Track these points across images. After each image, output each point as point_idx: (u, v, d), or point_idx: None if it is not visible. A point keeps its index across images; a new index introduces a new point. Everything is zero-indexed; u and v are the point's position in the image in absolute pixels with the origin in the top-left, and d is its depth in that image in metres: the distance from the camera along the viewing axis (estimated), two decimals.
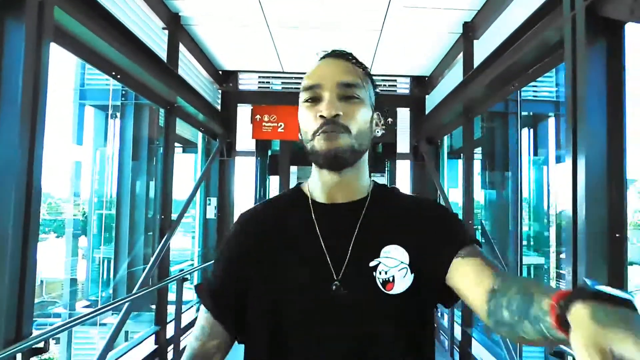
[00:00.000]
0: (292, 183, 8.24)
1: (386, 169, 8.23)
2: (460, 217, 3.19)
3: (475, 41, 4.01)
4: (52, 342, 2.73)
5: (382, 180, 8.08)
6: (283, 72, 5.77)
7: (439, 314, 4.84)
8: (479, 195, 5.86)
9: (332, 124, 0.81)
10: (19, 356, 1.81)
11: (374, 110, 0.90)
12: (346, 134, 0.82)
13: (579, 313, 0.48)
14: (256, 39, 4.63)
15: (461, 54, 4.17)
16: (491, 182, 5.78)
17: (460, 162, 5.00)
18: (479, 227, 5.24)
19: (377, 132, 0.92)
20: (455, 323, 4.14)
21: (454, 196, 5.51)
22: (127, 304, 3.23)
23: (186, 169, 7.14)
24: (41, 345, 1.91)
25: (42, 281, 27.55)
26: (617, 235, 1.91)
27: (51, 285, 27.11)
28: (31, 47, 1.87)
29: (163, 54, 3.96)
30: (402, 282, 0.80)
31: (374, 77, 0.94)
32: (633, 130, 2.00)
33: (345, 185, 0.88)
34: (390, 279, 0.81)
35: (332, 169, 0.85)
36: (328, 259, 0.83)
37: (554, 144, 5.93)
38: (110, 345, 3.11)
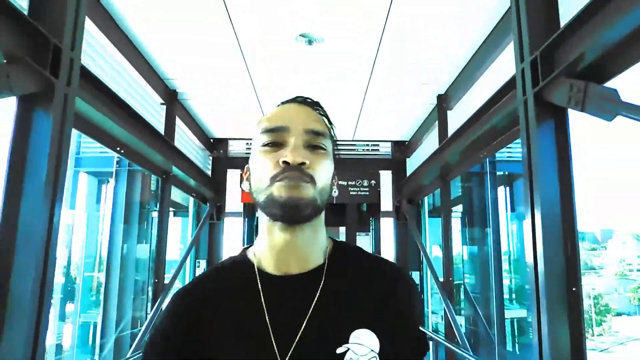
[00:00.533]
0: None
1: (371, 227, 8.46)
2: (441, 272, 3.43)
3: (449, 111, 4.41)
4: None
5: (367, 239, 8.30)
6: None
7: None
8: (462, 250, 6.11)
9: (296, 171, 0.73)
10: None
11: (334, 165, 0.85)
12: (310, 184, 0.74)
13: None
14: (246, 110, 4.99)
15: (436, 123, 4.56)
16: (472, 238, 6.05)
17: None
18: (461, 282, 5.45)
19: (335, 191, 0.84)
20: None
21: (437, 252, 5.75)
22: None
23: (176, 232, 7.27)
24: None
25: None
26: (574, 289, 2.17)
27: None
28: (56, 134, 2.13)
29: (161, 127, 4.27)
30: None
31: (357, 142, 0.99)
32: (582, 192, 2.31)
33: (300, 249, 0.78)
34: None
35: (291, 222, 0.75)
36: (272, 339, 0.72)
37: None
38: None
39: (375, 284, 0.80)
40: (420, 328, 0.84)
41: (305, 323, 0.72)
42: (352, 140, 6.16)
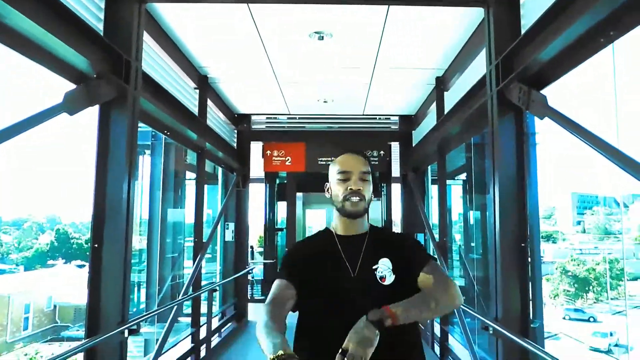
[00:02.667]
0: (299, 207, 9.15)
1: (382, 193, 9.15)
2: (437, 234, 4.14)
3: (445, 92, 4.97)
4: None
5: (378, 204, 9.00)
6: (289, 114, 6.78)
7: None
8: (463, 214, 6.73)
9: (357, 194, 1.46)
10: (126, 333, 2.73)
11: (373, 185, 1.54)
12: (363, 201, 1.47)
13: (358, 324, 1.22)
14: (267, 89, 5.63)
15: (435, 102, 5.14)
16: (471, 203, 6.66)
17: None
18: (459, 244, 6.11)
19: (373, 198, 1.53)
20: (435, 323, 5.02)
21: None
22: (174, 309, 4.13)
23: (206, 198, 8.03)
24: (135, 327, 2.83)
25: (54, 306, 27.73)
26: (522, 244, 2.84)
27: (64, 309, 27.39)
28: (129, 128, 2.84)
29: (195, 109, 4.95)
30: (390, 278, 1.44)
31: (367, 116, 2.06)
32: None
33: (356, 225, 1.53)
34: (384, 275, 1.44)
35: (352, 219, 1.50)
36: (348, 265, 1.47)
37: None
38: (162, 346, 3.95)
39: (393, 241, 1.56)
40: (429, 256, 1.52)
41: (360, 257, 1.47)
42: (363, 115, 6.77)
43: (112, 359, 2.74)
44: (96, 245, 2.75)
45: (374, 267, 1.44)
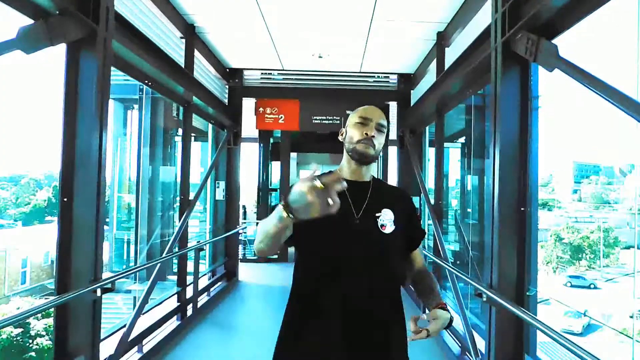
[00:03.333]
0: (293, 167, 8.95)
1: (379, 155, 8.95)
2: (433, 195, 3.97)
3: (446, 48, 4.69)
4: None
5: (374, 165, 8.81)
6: (283, 70, 6.47)
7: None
8: (460, 178, 6.56)
9: (370, 140, 1.48)
10: (98, 292, 2.58)
11: (386, 138, 1.59)
12: (373, 148, 1.49)
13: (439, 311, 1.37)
14: (259, 42, 5.32)
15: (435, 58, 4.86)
16: (469, 167, 6.48)
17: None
18: (456, 207, 5.97)
19: (381, 151, 1.59)
20: None
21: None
22: (157, 267, 3.99)
23: (197, 156, 7.84)
24: (109, 286, 2.68)
25: (52, 261, 28.13)
26: (522, 209, 2.66)
27: None
28: (100, 72, 2.59)
29: (181, 60, 4.67)
30: (390, 227, 1.49)
31: (364, 74, 1.87)
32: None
33: (362, 172, 1.54)
34: (385, 224, 1.49)
35: (361, 163, 1.51)
36: (352, 208, 1.48)
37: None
38: (145, 300, 3.85)
39: (394, 193, 1.60)
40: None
41: (365, 202, 1.50)
42: (360, 72, 6.47)
43: (84, 318, 2.60)
44: (65, 200, 2.56)
45: (376, 215, 1.49)
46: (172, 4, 4.31)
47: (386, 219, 1.49)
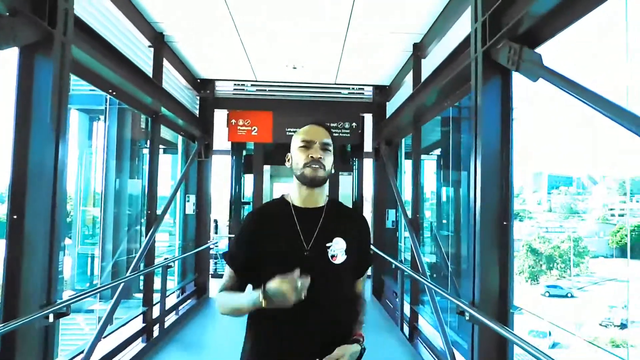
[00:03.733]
0: (266, 180, 8.77)
1: (354, 167, 8.85)
2: (410, 207, 3.84)
3: (423, 60, 4.64)
4: None
5: (349, 178, 8.71)
6: (256, 81, 6.33)
7: (392, 294, 5.52)
8: (436, 190, 6.51)
9: (317, 162, 1.45)
10: (51, 317, 2.35)
11: (334, 156, 1.54)
12: (323, 169, 1.46)
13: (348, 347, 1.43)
14: (231, 51, 5.17)
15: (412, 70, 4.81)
16: (445, 179, 6.44)
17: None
18: (431, 220, 5.90)
19: (332, 169, 1.53)
20: (405, 302, 4.79)
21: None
22: (120, 287, 3.75)
23: (167, 169, 7.59)
24: (64, 310, 2.45)
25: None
26: (505, 223, 2.57)
27: None
28: (57, 79, 2.40)
29: (149, 69, 4.47)
30: (341, 257, 1.47)
31: (339, 85, 1.75)
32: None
33: (314, 197, 1.52)
34: (336, 254, 1.47)
35: (311, 186, 1.49)
36: (302, 239, 1.47)
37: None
38: (107, 322, 3.60)
39: (349, 219, 1.59)
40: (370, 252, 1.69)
41: (316, 232, 1.48)
42: (334, 84, 6.38)
43: (34, 346, 2.36)
44: (15, 217, 2.33)
45: (327, 245, 1.47)
46: (140, 11, 4.13)
47: (337, 249, 1.47)
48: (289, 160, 1.57)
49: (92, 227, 7.11)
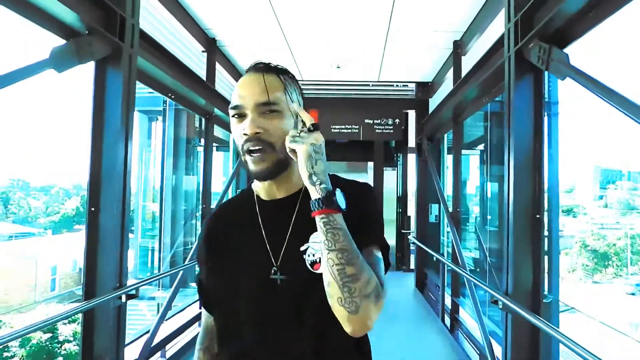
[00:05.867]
0: None
1: (398, 162, 8.96)
2: (450, 203, 4.00)
3: (463, 57, 4.72)
4: None
5: (393, 173, 8.81)
6: (302, 80, 6.58)
7: (435, 287, 5.63)
8: (479, 185, 6.54)
9: (255, 141, 0.92)
10: (123, 297, 2.69)
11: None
12: (268, 152, 0.93)
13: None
14: (279, 54, 5.43)
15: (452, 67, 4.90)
16: (489, 174, 6.45)
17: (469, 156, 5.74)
18: (476, 215, 5.95)
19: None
20: (446, 295, 4.91)
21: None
22: (179, 275, 4.11)
23: (219, 165, 8.00)
24: (133, 292, 2.79)
25: (80, 269, 28.95)
26: (537, 216, 2.67)
27: None
28: (125, 87, 2.72)
29: (203, 72, 4.81)
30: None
31: (382, 83, 1.34)
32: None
33: (280, 184, 1.00)
34: (318, 260, 0.92)
35: (264, 180, 0.98)
36: (268, 248, 0.96)
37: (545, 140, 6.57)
38: (168, 307, 3.96)
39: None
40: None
41: (288, 234, 0.96)
42: (377, 81, 6.53)
43: (109, 323, 2.71)
44: (93, 209, 2.68)
45: (301, 249, 0.94)
46: (195, 19, 4.46)
47: (318, 250, 0.93)
48: None
49: (151, 221, 7.64)
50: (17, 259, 24.50)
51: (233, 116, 0.96)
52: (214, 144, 8.11)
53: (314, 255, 0.93)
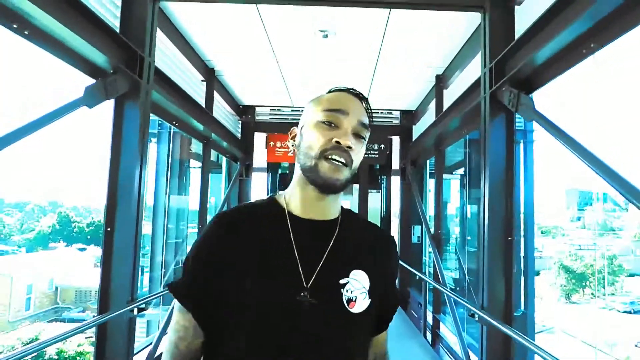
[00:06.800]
0: None
1: (382, 184, 9.32)
2: (432, 225, 4.35)
3: (445, 90, 5.13)
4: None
5: (377, 195, 9.18)
6: (293, 107, 6.94)
7: (417, 305, 5.94)
8: (460, 207, 6.92)
9: (345, 153, 0.90)
10: (135, 310, 2.93)
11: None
12: (348, 167, 0.91)
13: None
14: (271, 82, 5.78)
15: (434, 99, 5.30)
16: (468, 197, 6.85)
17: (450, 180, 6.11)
18: (454, 235, 6.31)
19: (357, 169, 0.98)
20: (428, 312, 5.22)
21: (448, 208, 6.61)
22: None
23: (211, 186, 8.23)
24: (143, 306, 3.03)
25: (56, 288, 28.26)
26: (509, 238, 3.02)
27: (65, 291, 27.92)
28: (142, 119, 3.01)
29: (202, 100, 5.12)
30: (362, 303, 0.92)
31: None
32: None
33: (326, 205, 0.96)
34: (354, 298, 0.91)
35: (327, 192, 0.92)
36: (300, 269, 0.89)
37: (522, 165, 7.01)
38: (165, 327, 4.15)
39: (374, 239, 1.02)
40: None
41: (323, 260, 0.91)
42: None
43: (121, 334, 2.94)
44: (109, 229, 2.94)
45: (341, 282, 0.92)
46: (196, 51, 4.79)
47: (357, 289, 0.93)
48: (294, 137, 1.02)
49: (143, 239, 7.76)
50: None
51: (323, 122, 0.93)
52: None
53: (352, 292, 0.91)
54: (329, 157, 0.90)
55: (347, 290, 0.91)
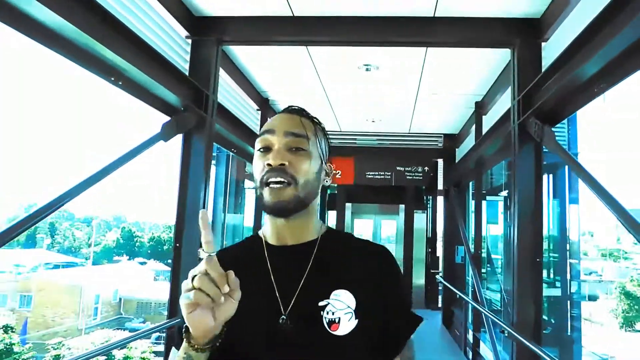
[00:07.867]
0: (347, 216, 9.70)
1: (428, 205, 9.52)
2: (472, 246, 4.65)
3: (484, 116, 5.36)
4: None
5: (423, 216, 9.37)
6: (340, 131, 7.35)
7: (460, 323, 6.08)
8: (504, 229, 7.01)
9: (278, 172, 0.88)
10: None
11: (324, 161, 1.00)
12: (292, 185, 0.89)
13: None
14: (320, 110, 6.21)
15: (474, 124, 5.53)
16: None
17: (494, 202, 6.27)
18: (497, 257, 6.42)
19: (327, 181, 0.99)
20: (469, 330, 5.38)
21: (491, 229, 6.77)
22: None
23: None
24: None
25: (120, 298, 29.98)
26: (537, 259, 3.23)
27: (128, 302, 29.58)
28: (206, 149, 3.49)
29: (257, 127, 5.63)
30: (347, 324, 0.87)
31: (412, 134, 1.30)
32: None
33: (294, 229, 0.95)
34: (337, 320, 0.87)
35: (279, 216, 0.92)
36: (277, 294, 0.89)
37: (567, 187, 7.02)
38: None
39: (361, 256, 0.97)
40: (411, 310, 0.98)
41: (301, 283, 0.90)
42: (409, 133, 7.22)
43: None
44: (177, 245, 3.41)
45: (320, 304, 0.89)
46: (252, 83, 5.30)
47: (340, 310, 0.89)
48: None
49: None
50: (63, 288, 25.87)
51: (258, 150, 0.95)
52: None
53: (333, 314, 0.87)
54: (267, 182, 0.90)
55: (327, 312, 0.88)
